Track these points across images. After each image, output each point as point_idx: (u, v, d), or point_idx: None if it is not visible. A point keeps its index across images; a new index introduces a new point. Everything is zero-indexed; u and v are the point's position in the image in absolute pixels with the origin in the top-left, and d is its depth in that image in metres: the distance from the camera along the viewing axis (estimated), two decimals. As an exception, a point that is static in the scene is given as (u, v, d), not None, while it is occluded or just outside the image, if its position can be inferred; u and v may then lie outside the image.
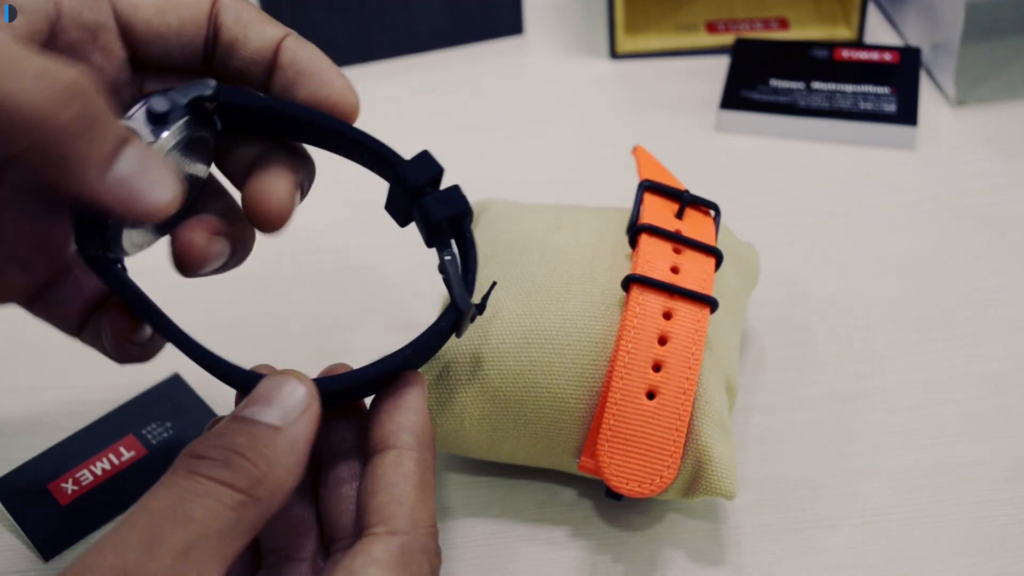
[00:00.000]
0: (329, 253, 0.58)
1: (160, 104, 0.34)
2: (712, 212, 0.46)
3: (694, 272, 0.42)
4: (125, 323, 0.36)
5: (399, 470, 0.33)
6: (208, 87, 0.35)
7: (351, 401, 0.37)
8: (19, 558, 0.43)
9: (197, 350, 0.34)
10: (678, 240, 0.43)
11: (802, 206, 0.60)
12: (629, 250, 0.44)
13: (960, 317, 0.52)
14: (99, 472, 0.45)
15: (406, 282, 0.56)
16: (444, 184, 0.37)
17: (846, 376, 0.49)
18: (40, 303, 0.38)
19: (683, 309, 0.41)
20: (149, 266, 0.43)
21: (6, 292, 0.36)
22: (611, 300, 0.42)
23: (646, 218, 0.43)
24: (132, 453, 0.46)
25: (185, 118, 0.35)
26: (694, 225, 0.45)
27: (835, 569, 0.41)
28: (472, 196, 0.54)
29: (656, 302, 0.41)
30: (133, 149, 0.30)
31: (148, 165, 0.30)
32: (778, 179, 0.62)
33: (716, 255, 0.43)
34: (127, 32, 0.36)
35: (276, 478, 0.30)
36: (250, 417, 0.31)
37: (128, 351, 0.37)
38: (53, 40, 0.34)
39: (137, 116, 0.34)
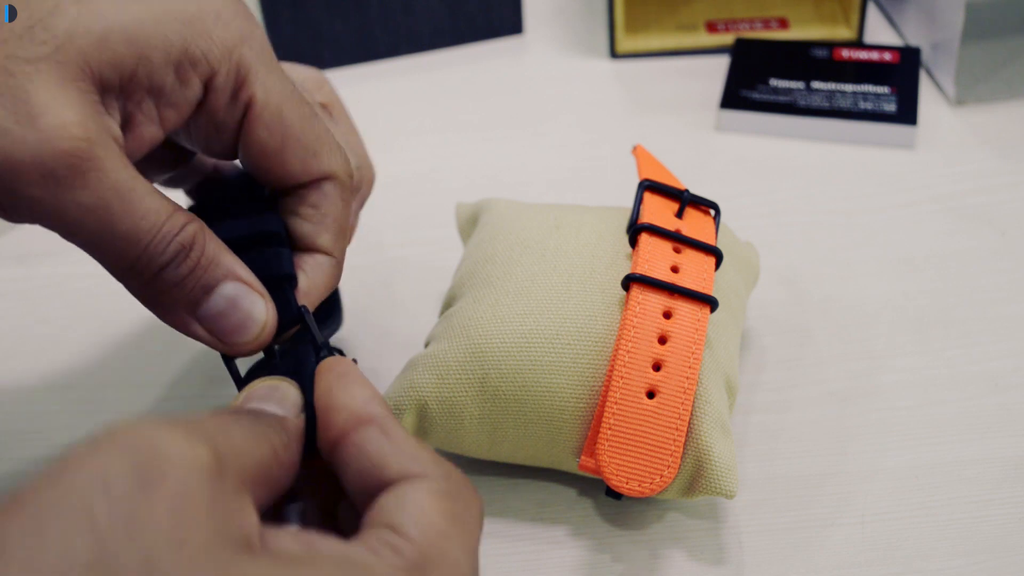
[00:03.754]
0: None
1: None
2: (712, 211, 0.46)
3: (694, 271, 0.42)
4: None
5: (393, 435, 0.30)
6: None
7: None
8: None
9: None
10: (678, 239, 0.43)
11: (802, 206, 0.60)
12: (629, 249, 0.44)
13: (960, 317, 0.52)
14: None
15: (405, 282, 0.56)
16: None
17: (846, 376, 0.49)
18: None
19: (683, 308, 0.41)
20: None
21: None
22: (611, 299, 0.42)
23: (646, 217, 0.43)
24: None
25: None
26: (694, 224, 0.45)
27: (835, 568, 0.41)
28: (472, 196, 0.54)
29: (656, 301, 0.41)
30: (226, 286, 0.33)
31: (236, 305, 0.33)
32: (778, 179, 0.62)
33: (716, 254, 0.43)
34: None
35: (292, 455, 0.29)
36: (258, 408, 0.31)
37: None
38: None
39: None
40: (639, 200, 0.44)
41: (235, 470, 0.26)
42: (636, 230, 0.43)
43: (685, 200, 0.45)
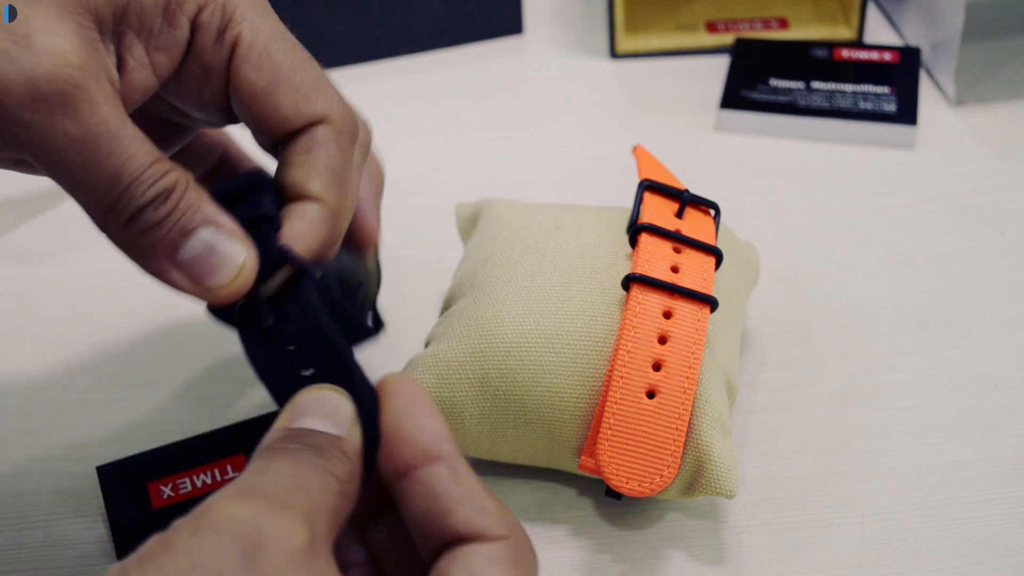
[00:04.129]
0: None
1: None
2: (712, 211, 0.46)
3: (694, 271, 0.42)
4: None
5: (462, 479, 0.30)
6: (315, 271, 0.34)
7: None
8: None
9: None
10: (678, 239, 0.43)
11: (802, 206, 0.60)
12: (629, 249, 0.44)
13: (960, 317, 0.52)
14: (199, 484, 0.43)
15: (405, 282, 0.56)
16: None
17: (846, 376, 0.49)
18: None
19: (683, 308, 0.41)
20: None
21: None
22: (611, 299, 0.42)
23: (646, 217, 0.43)
24: (236, 474, 0.41)
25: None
26: (694, 224, 0.45)
27: (835, 568, 0.41)
28: (472, 196, 0.54)
29: (656, 301, 0.41)
30: (204, 231, 0.32)
31: (213, 249, 0.32)
32: (778, 179, 0.62)
33: (716, 254, 0.43)
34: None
35: (355, 482, 0.29)
36: (310, 429, 0.30)
37: None
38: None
39: None
40: (639, 200, 0.44)
41: (322, 535, 0.27)
42: (636, 230, 0.43)
43: (685, 200, 0.45)
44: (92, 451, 0.47)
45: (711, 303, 0.41)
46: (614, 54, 0.74)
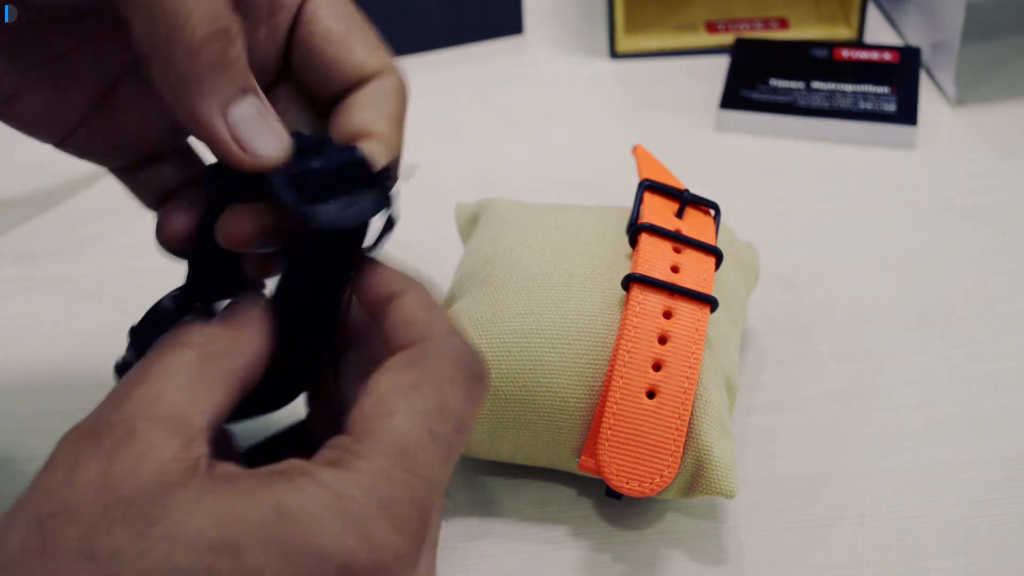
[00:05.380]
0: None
1: None
2: (712, 211, 0.46)
3: (694, 271, 0.42)
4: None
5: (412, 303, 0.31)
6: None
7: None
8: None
9: None
10: (678, 239, 0.43)
11: (802, 206, 0.60)
12: (629, 249, 0.43)
13: (960, 317, 0.52)
14: None
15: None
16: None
17: (846, 376, 0.49)
18: (131, 175, 0.38)
19: (683, 308, 0.41)
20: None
21: (110, 154, 0.36)
22: (611, 299, 0.42)
23: (646, 217, 0.43)
24: None
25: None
26: (694, 224, 0.45)
27: (835, 568, 0.41)
28: (472, 196, 0.54)
29: (656, 301, 0.41)
30: (255, 99, 0.31)
31: (265, 118, 0.31)
32: (778, 179, 0.62)
33: (716, 254, 0.43)
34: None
35: (235, 342, 0.31)
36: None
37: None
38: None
39: None
40: (639, 200, 0.44)
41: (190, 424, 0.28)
42: (636, 230, 0.43)
43: (685, 200, 0.45)
44: (92, 451, 0.47)
45: (711, 303, 0.41)
46: (614, 54, 0.74)
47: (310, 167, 0.30)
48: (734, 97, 0.67)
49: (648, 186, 0.45)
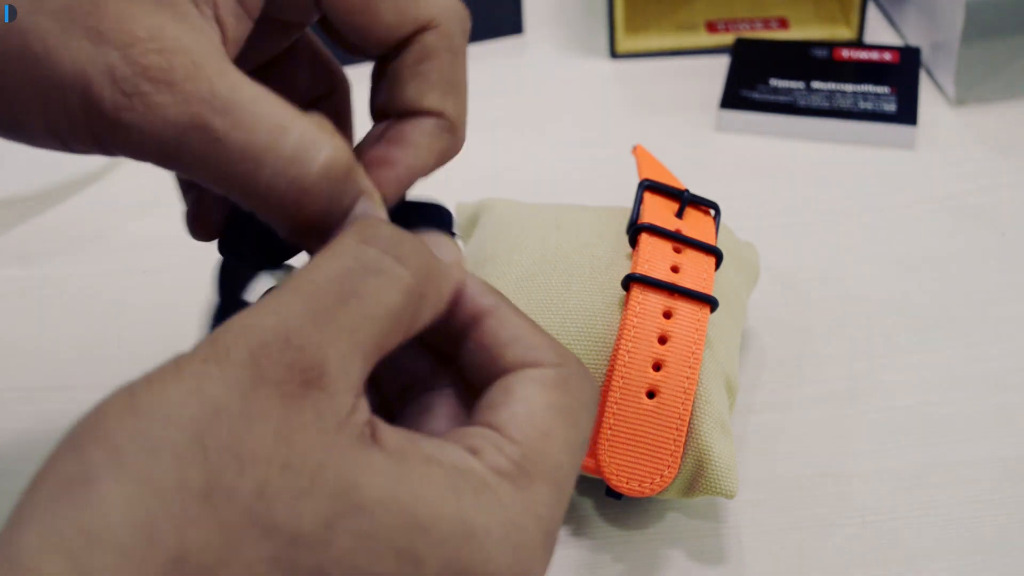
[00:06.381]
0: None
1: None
2: (712, 211, 0.46)
3: (694, 271, 0.42)
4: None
5: (508, 323, 0.29)
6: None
7: None
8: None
9: None
10: (678, 239, 0.43)
11: (802, 206, 0.60)
12: (629, 249, 0.43)
13: (960, 317, 0.52)
14: None
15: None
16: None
17: (846, 376, 0.49)
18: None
19: (683, 308, 0.41)
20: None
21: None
22: (611, 299, 0.42)
23: (646, 217, 0.43)
24: None
25: None
26: (694, 224, 0.45)
27: (835, 568, 0.41)
28: (472, 196, 0.54)
29: (656, 301, 0.41)
30: (364, 204, 0.28)
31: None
32: (778, 179, 0.62)
33: (716, 254, 0.43)
34: None
35: (440, 284, 0.28)
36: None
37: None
38: None
39: None
40: (639, 200, 0.44)
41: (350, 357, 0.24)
42: (636, 230, 0.43)
43: (685, 200, 0.45)
44: (92, 451, 0.47)
45: (711, 303, 0.41)
46: (614, 54, 0.74)
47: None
48: (734, 97, 0.67)
49: (648, 186, 0.45)
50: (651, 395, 0.40)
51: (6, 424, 0.49)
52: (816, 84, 0.68)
